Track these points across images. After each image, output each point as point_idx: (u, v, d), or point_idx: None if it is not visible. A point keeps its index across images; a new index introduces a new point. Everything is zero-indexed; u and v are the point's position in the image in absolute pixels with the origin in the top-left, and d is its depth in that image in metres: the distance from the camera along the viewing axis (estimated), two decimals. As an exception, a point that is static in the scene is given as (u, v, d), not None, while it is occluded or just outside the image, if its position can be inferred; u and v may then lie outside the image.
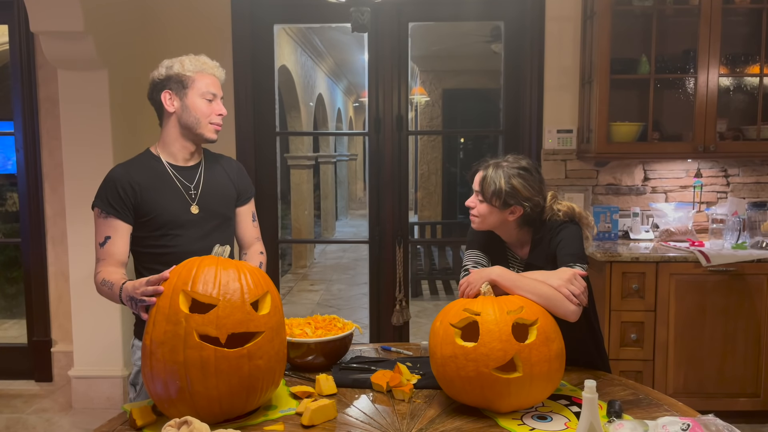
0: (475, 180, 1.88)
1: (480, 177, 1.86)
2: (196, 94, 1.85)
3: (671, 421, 1.37)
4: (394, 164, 3.67)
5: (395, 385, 1.67)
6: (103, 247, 1.82)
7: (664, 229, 3.41)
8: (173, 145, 1.90)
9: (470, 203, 1.89)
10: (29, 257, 3.72)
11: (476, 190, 1.86)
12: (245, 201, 2.06)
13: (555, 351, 1.54)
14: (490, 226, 1.88)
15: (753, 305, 3.07)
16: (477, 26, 6.22)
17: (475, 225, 1.90)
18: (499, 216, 1.85)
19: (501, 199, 1.81)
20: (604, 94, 3.20)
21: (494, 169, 1.84)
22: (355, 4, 2.44)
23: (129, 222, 1.84)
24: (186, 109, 1.86)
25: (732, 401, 3.12)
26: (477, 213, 1.87)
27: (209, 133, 1.89)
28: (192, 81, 1.85)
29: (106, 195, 1.83)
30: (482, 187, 1.84)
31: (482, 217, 1.86)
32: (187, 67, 1.86)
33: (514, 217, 1.85)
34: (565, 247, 1.81)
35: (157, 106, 1.91)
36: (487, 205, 1.84)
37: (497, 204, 1.82)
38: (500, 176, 1.82)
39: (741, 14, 3.40)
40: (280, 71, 6.64)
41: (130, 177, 1.83)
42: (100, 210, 1.83)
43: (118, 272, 1.78)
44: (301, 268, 8.27)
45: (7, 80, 3.87)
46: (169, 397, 1.42)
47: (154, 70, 1.89)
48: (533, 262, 1.88)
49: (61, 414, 3.42)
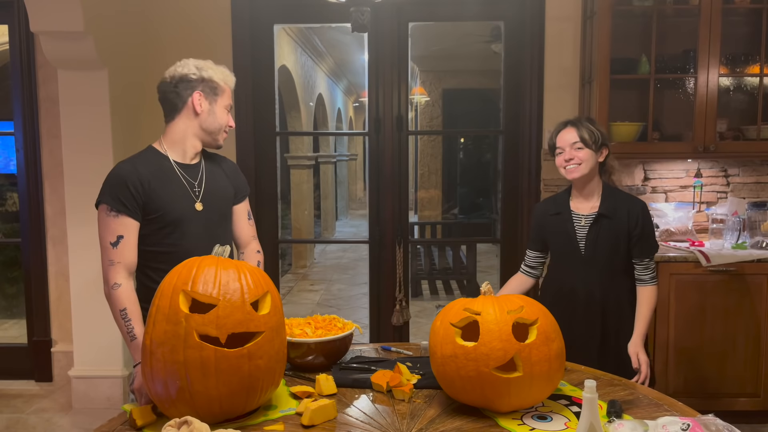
0: (566, 137, 2.21)
1: (572, 131, 2.20)
2: (222, 103, 1.93)
3: (671, 421, 1.37)
4: (394, 164, 3.67)
5: (395, 385, 1.67)
6: (117, 247, 1.77)
7: (664, 229, 3.41)
8: (184, 143, 1.91)
9: (568, 156, 2.19)
10: (29, 257, 3.72)
11: (574, 141, 2.18)
12: (241, 199, 2.07)
13: (555, 351, 1.54)
14: (588, 169, 2.19)
15: (753, 305, 3.07)
16: (477, 26, 6.22)
17: (578, 172, 2.19)
18: (594, 159, 2.20)
19: (598, 143, 2.20)
20: (604, 94, 3.20)
21: (579, 123, 2.21)
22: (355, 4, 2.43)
23: (138, 219, 1.82)
24: (213, 114, 1.90)
25: (732, 401, 3.12)
26: (580, 159, 2.18)
27: (221, 141, 1.97)
28: (222, 90, 1.92)
29: (116, 192, 1.79)
30: (581, 136, 2.18)
31: (585, 161, 2.18)
32: (219, 75, 1.91)
33: (602, 158, 2.24)
34: (651, 237, 2.24)
35: (172, 102, 1.88)
36: (587, 150, 2.18)
37: (594, 147, 2.19)
38: (589, 126, 2.21)
39: (741, 14, 3.39)
40: (280, 71, 6.64)
41: (139, 174, 1.82)
42: (110, 207, 1.78)
43: (140, 314, 1.77)
44: (301, 268, 8.27)
45: (7, 80, 3.87)
46: (169, 397, 1.42)
47: (178, 67, 1.88)
48: (604, 212, 2.20)
49: (61, 414, 3.42)
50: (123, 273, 1.78)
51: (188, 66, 1.88)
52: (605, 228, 2.20)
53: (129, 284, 1.79)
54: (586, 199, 2.26)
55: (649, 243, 2.23)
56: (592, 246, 2.21)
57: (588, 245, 2.22)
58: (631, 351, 2.14)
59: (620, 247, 2.21)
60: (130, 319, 1.74)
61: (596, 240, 2.21)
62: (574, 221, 2.26)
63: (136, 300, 1.79)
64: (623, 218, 2.20)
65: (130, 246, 1.80)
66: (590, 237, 2.22)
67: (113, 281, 1.77)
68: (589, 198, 2.26)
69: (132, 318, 1.75)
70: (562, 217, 2.27)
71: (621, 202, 2.22)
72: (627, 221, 2.20)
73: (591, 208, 2.24)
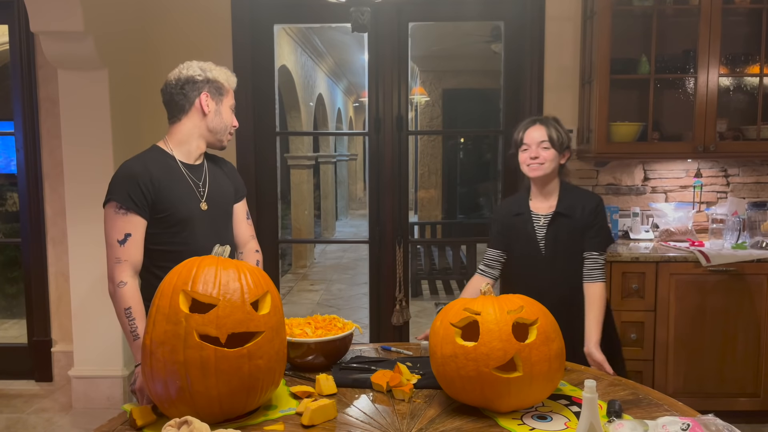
0: (534, 135, 2.21)
1: (540, 130, 2.20)
2: (228, 104, 1.96)
3: (671, 421, 1.37)
4: (394, 164, 3.67)
5: (395, 385, 1.67)
6: (124, 245, 1.77)
7: (664, 229, 3.41)
8: (190, 143, 1.92)
9: (534, 153, 2.19)
10: (29, 257, 3.72)
11: (542, 140, 2.19)
12: (239, 199, 2.09)
13: (555, 351, 1.54)
14: (551, 169, 2.21)
15: (753, 305, 3.07)
16: (477, 26, 6.23)
17: (541, 171, 2.20)
18: (557, 160, 2.22)
19: (564, 145, 2.22)
20: (604, 94, 3.20)
21: (548, 122, 2.23)
22: (355, 4, 2.43)
23: (146, 218, 1.82)
24: (219, 115, 1.93)
25: (732, 401, 3.12)
26: (544, 159, 2.19)
27: (226, 141, 2.00)
28: (227, 91, 1.96)
29: (126, 190, 1.79)
30: (550, 136, 2.19)
31: (549, 161, 2.19)
32: (222, 76, 1.94)
33: (564, 160, 2.25)
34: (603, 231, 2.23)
35: (179, 103, 1.90)
36: (552, 150, 2.19)
37: (560, 149, 2.21)
38: (558, 127, 2.22)
39: (741, 14, 3.39)
40: (280, 71, 6.64)
41: (150, 172, 1.82)
42: (119, 205, 1.78)
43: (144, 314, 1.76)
44: (301, 268, 8.27)
45: (7, 80, 3.87)
46: (169, 397, 1.42)
47: (183, 69, 1.90)
48: (561, 210, 2.21)
49: (61, 414, 3.42)
50: (129, 271, 1.78)
51: (192, 68, 1.90)
52: (563, 226, 2.21)
53: (134, 283, 1.80)
54: (545, 199, 2.27)
55: (601, 237, 2.21)
56: (551, 245, 2.22)
57: (548, 245, 2.23)
58: (586, 353, 2.08)
59: (580, 245, 2.21)
60: (134, 318, 1.75)
61: (555, 239, 2.21)
62: (533, 221, 2.27)
63: (141, 299, 1.79)
64: (580, 214, 2.21)
65: (137, 244, 1.80)
66: (549, 237, 2.22)
67: (119, 279, 1.77)
68: (548, 197, 2.27)
69: (136, 317, 1.75)
70: (522, 218, 2.28)
71: (577, 200, 2.23)
72: (582, 216, 2.20)
73: (549, 208, 2.25)
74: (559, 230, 2.21)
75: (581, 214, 2.21)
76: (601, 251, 2.21)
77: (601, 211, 2.23)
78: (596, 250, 2.20)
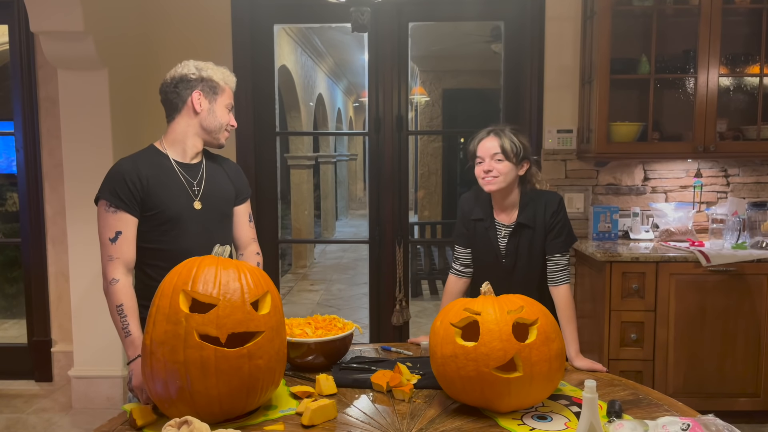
0: (487, 146, 2.09)
1: (494, 141, 2.08)
2: (223, 103, 1.95)
3: (671, 421, 1.37)
4: (394, 164, 3.67)
5: (395, 385, 1.68)
6: (115, 243, 1.79)
7: (664, 229, 3.41)
8: (185, 142, 1.92)
9: (487, 167, 2.07)
10: (29, 257, 3.72)
11: (495, 152, 2.07)
12: (242, 201, 2.08)
13: (555, 351, 1.54)
14: (506, 183, 2.09)
15: (753, 305, 3.07)
16: (477, 26, 6.22)
17: (495, 185, 2.08)
18: (513, 172, 2.09)
19: (519, 156, 2.08)
20: (604, 94, 3.20)
21: (502, 133, 2.10)
22: (355, 4, 2.44)
23: (137, 216, 1.83)
24: (212, 114, 1.92)
25: (732, 401, 3.12)
26: (498, 172, 2.07)
27: (223, 140, 1.98)
28: (222, 90, 1.94)
29: (114, 188, 1.81)
30: (503, 147, 2.07)
31: (504, 174, 2.07)
32: (218, 75, 1.94)
33: (523, 171, 2.12)
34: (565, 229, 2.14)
35: (173, 102, 1.91)
36: (507, 162, 2.07)
37: (515, 160, 2.07)
38: (512, 137, 2.09)
39: (741, 14, 3.39)
40: (280, 71, 6.64)
41: (138, 170, 1.83)
42: (109, 203, 1.80)
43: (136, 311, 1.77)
44: (301, 268, 8.27)
45: (7, 80, 3.87)
46: (169, 396, 1.42)
47: (179, 68, 1.91)
48: (523, 221, 2.12)
49: (61, 414, 3.42)
50: (121, 269, 1.79)
51: (188, 66, 1.91)
52: (525, 238, 2.14)
53: (127, 280, 1.80)
54: (505, 211, 2.17)
55: (563, 237, 2.13)
56: (512, 255, 2.15)
57: (508, 255, 2.16)
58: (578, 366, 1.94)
59: (542, 250, 2.14)
60: (126, 315, 1.75)
61: (516, 250, 2.15)
62: (496, 229, 2.19)
63: (134, 296, 1.80)
64: (542, 220, 2.13)
65: (129, 242, 1.81)
66: (510, 247, 2.16)
67: (111, 276, 1.78)
68: (508, 210, 2.17)
69: (128, 314, 1.75)
70: (484, 224, 2.19)
71: (539, 206, 2.13)
72: (544, 219, 2.12)
73: (510, 220, 2.17)
74: (521, 241, 2.14)
75: (543, 218, 2.13)
76: (564, 252, 2.13)
77: (561, 210, 2.14)
78: (559, 251, 2.12)
